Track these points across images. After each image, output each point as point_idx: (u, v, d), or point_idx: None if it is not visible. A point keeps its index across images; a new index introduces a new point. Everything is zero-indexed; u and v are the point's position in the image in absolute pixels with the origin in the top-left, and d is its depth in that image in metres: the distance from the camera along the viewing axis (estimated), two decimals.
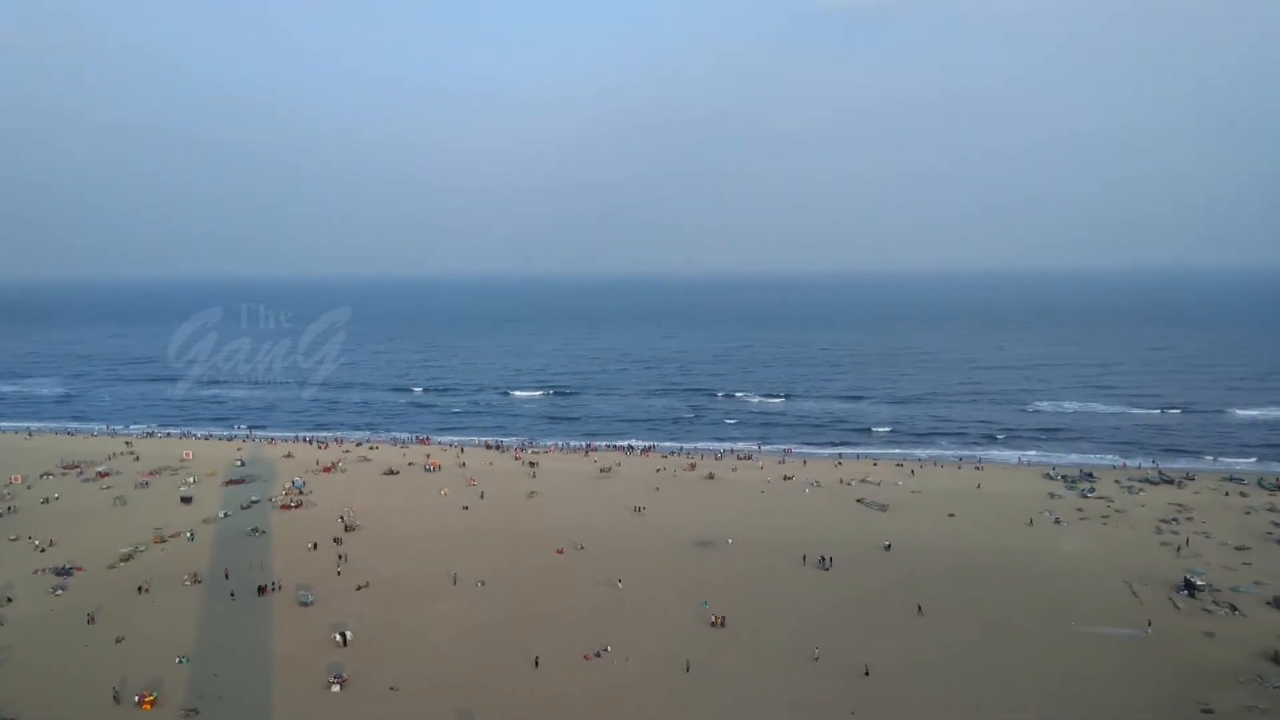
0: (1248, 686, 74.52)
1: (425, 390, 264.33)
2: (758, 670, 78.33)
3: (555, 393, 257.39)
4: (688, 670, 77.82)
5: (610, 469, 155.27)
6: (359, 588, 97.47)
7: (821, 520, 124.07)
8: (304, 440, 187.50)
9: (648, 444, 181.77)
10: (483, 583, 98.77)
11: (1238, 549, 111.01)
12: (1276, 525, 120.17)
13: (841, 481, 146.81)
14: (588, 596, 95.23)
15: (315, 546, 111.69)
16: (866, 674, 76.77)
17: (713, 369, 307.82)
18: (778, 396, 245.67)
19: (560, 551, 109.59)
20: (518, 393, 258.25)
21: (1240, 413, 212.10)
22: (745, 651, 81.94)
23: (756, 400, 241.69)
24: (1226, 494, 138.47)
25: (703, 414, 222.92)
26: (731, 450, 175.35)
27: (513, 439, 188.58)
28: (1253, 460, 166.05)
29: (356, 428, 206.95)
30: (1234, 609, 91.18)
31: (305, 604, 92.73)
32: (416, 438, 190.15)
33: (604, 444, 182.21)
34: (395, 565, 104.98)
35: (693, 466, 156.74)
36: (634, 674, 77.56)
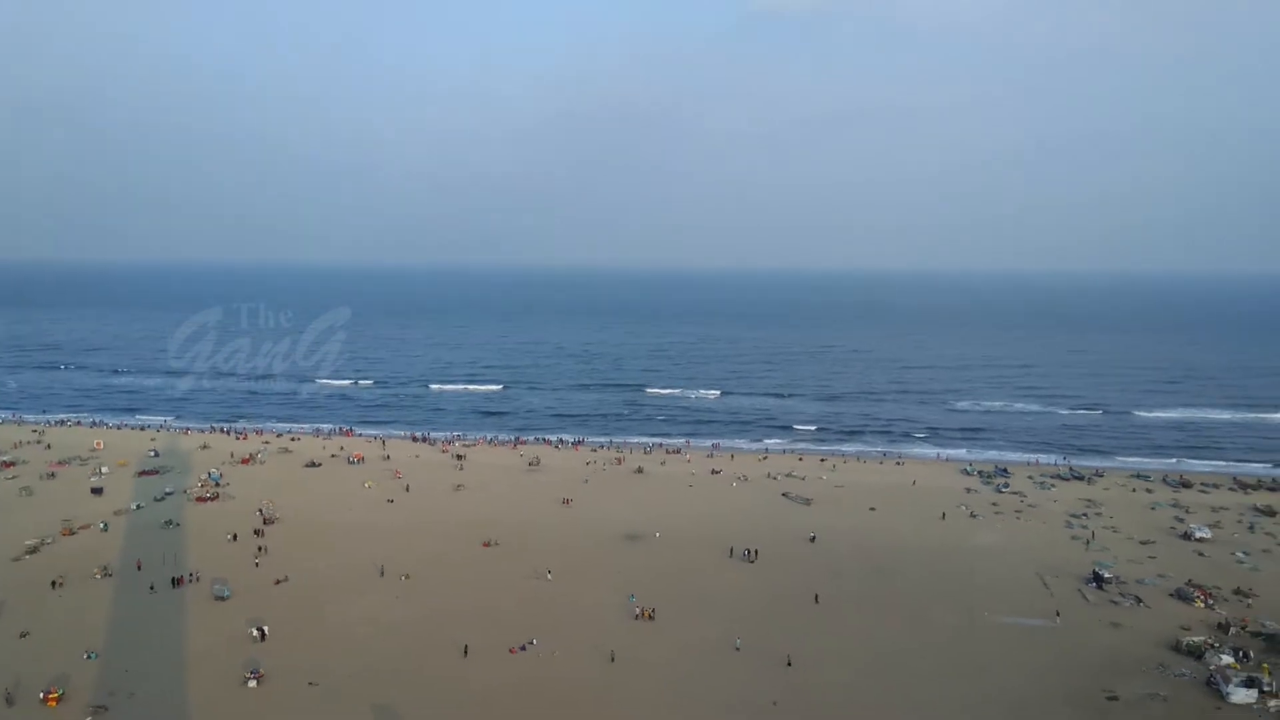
0: (1151, 675, 77.89)
1: (349, 382, 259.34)
2: (683, 662, 78.96)
3: (484, 385, 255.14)
4: (613, 662, 78.08)
5: (539, 462, 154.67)
6: (278, 582, 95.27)
7: (747, 514, 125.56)
8: (221, 431, 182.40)
9: (577, 438, 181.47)
10: (407, 576, 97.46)
11: (1143, 543, 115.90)
12: (1180, 521, 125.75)
13: (769, 476, 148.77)
14: (514, 590, 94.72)
15: (235, 538, 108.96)
16: (789, 664, 78.06)
17: (646, 364, 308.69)
18: (710, 392, 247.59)
19: (487, 545, 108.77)
20: (445, 385, 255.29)
21: (1148, 414, 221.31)
22: (671, 643, 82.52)
23: (688, 395, 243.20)
24: (1133, 490, 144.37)
25: (635, 409, 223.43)
26: (660, 445, 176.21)
27: (440, 432, 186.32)
28: (1158, 458, 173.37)
29: (277, 419, 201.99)
30: (1139, 600, 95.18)
31: (222, 598, 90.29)
32: (340, 429, 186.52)
33: (533, 438, 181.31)
34: (316, 559, 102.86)
35: (620, 461, 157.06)
36: (560, 667, 77.46)
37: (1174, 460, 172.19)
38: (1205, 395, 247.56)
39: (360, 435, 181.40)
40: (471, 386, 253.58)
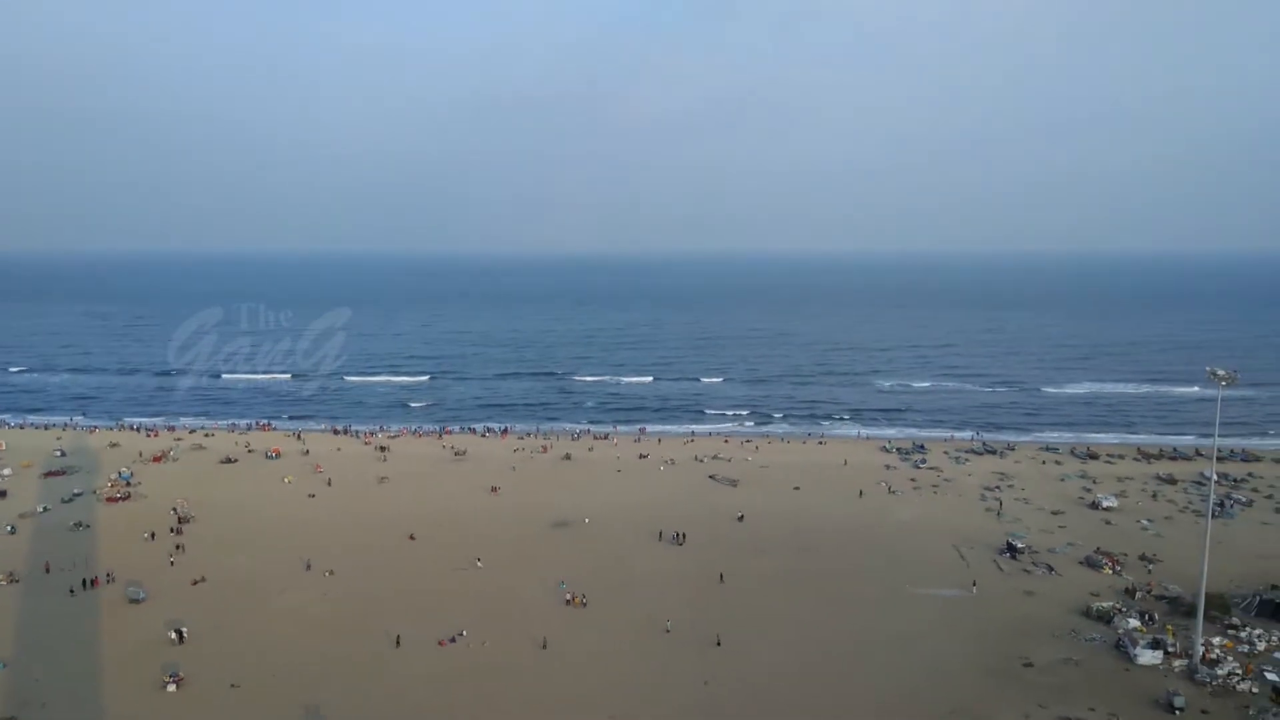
0: (1063, 640, 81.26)
1: (265, 374, 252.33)
2: (614, 647, 79.42)
3: (409, 376, 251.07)
4: (544, 649, 78.07)
5: (465, 452, 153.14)
6: (195, 582, 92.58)
7: (675, 497, 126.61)
8: (131, 428, 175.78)
9: (503, 426, 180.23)
10: (331, 572, 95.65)
11: (1053, 513, 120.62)
12: (1087, 491, 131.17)
13: (696, 459, 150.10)
14: (442, 582, 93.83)
15: (153, 536, 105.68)
16: (718, 644, 79.14)
17: (575, 351, 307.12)
18: (640, 378, 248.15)
19: (413, 537, 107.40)
20: (368, 377, 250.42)
21: (1058, 389, 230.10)
22: (602, 628, 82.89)
23: (617, 381, 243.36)
24: (1043, 463, 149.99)
25: (564, 396, 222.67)
26: (588, 431, 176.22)
27: (363, 424, 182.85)
28: (1067, 432, 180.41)
29: (190, 414, 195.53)
30: (1051, 569, 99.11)
31: (136, 600, 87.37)
32: (257, 423, 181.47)
33: (459, 427, 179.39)
34: (236, 557, 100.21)
35: (545, 449, 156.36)
36: (491, 656, 77.13)
37: (1081, 433, 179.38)
38: (1113, 370, 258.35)
39: (278, 429, 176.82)
40: (395, 377, 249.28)
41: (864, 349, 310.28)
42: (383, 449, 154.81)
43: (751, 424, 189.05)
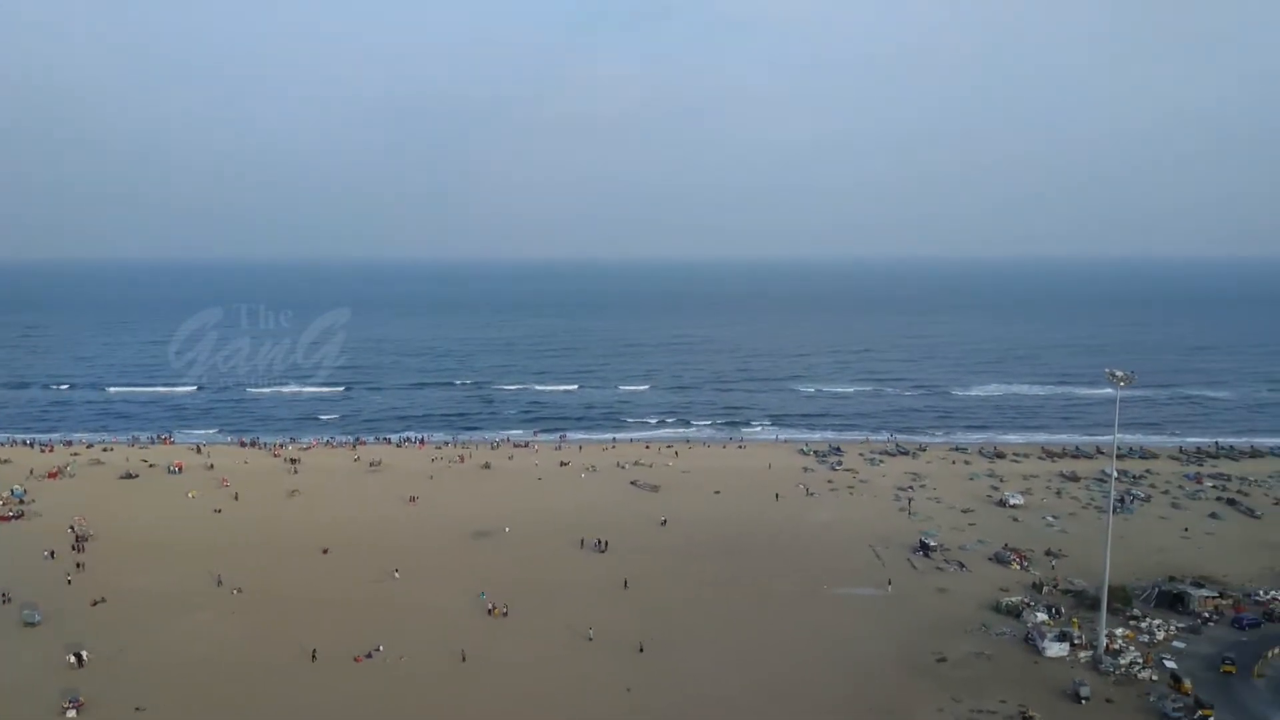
0: (975, 635, 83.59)
1: (167, 385, 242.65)
2: (536, 656, 78.57)
3: (323, 387, 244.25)
4: (465, 662, 76.72)
5: (380, 463, 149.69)
6: (95, 602, 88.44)
7: (597, 504, 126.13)
8: (23, 443, 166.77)
9: (420, 436, 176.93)
10: (239, 589, 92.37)
11: (964, 511, 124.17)
12: (995, 489, 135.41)
13: (618, 465, 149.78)
14: (358, 596, 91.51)
15: (53, 555, 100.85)
16: (641, 650, 78.98)
17: (495, 360, 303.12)
18: (562, 386, 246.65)
19: (326, 551, 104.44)
20: (279, 387, 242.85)
21: (967, 391, 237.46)
22: (524, 638, 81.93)
23: (538, 390, 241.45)
24: (953, 463, 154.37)
25: (484, 405, 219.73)
26: (508, 439, 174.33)
27: (271, 436, 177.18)
28: (977, 433, 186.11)
29: (87, 428, 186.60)
30: (962, 566, 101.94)
31: (31, 624, 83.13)
32: (159, 437, 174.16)
33: (374, 438, 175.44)
34: (139, 577, 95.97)
35: (462, 459, 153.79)
36: (408, 672, 75.47)
37: (988, 433, 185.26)
38: (1021, 372, 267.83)
39: (181, 442, 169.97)
40: (307, 388, 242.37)
41: (786, 355, 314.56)
42: (293, 461, 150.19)
43: (673, 430, 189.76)
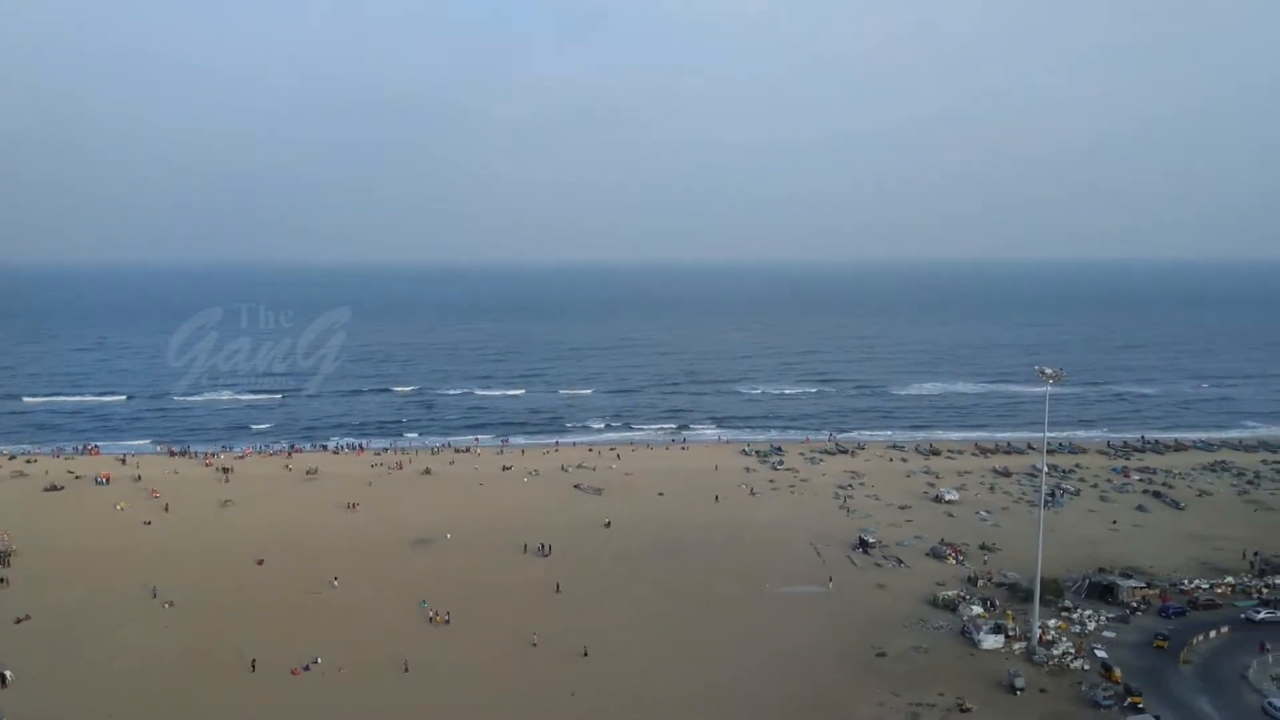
0: (913, 629, 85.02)
1: (93, 394, 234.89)
2: (479, 663, 77.78)
3: (258, 394, 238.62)
4: (406, 672, 75.52)
5: (316, 471, 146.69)
6: (19, 620, 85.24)
7: (540, 508, 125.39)
8: None
9: (358, 442, 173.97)
10: (171, 604, 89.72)
11: (901, 508, 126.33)
12: (931, 486, 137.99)
13: (561, 469, 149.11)
14: (294, 607, 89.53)
15: None
16: (585, 655, 78.65)
17: (436, 364, 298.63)
18: (504, 390, 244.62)
19: (261, 562, 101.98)
20: (212, 395, 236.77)
21: (904, 390, 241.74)
22: (467, 646, 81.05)
23: (480, 394, 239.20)
24: (891, 460, 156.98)
25: (424, 410, 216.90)
26: (448, 444, 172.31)
27: (203, 445, 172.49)
28: (915, 431, 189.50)
29: (10, 440, 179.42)
30: (900, 562, 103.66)
31: None
32: (84, 447, 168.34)
33: (310, 445, 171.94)
34: (66, 592, 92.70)
35: (401, 465, 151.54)
36: (348, 683, 74.03)
37: (925, 430, 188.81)
38: (958, 371, 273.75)
39: (109, 452, 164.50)
40: (242, 396, 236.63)
41: (729, 356, 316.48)
42: (225, 470, 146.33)
43: (617, 433, 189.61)
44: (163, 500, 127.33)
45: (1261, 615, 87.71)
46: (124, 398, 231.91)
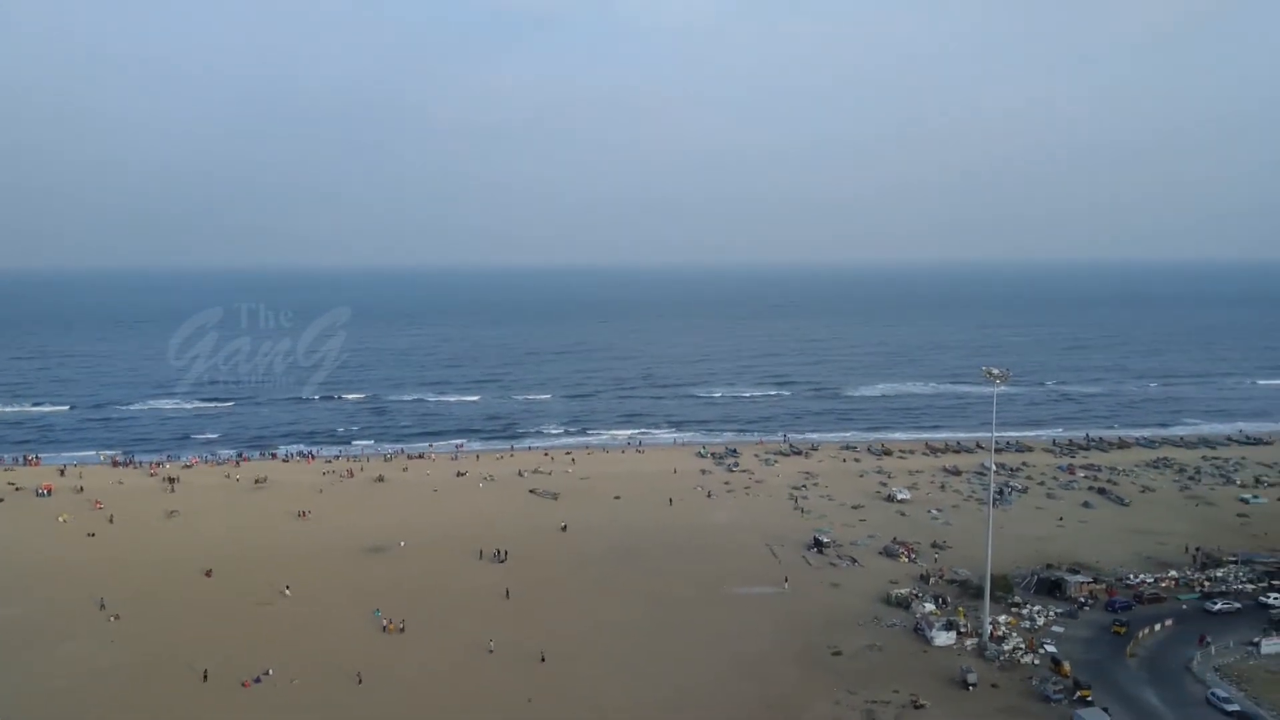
0: (868, 627, 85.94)
1: (33, 404, 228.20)
2: (435, 671, 76.97)
3: (205, 402, 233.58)
4: (360, 683, 74.41)
5: (266, 479, 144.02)
6: None
7: (496, 514, 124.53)
8: None
9: (309, 450, 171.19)
10: (116, 617, 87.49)
11: (854, 508, 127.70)
12: (883, 485, 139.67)
13: (518, 474, 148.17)
14: (245, 618, 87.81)
15: None
16: (543, 660, 78.22)
17: (389, 371, 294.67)
18: (459, 395, 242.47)
19: (210, 573, 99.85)
20: (156, 403, 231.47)
21: (856, 391, 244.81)
22: (422, 654, 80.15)
23: (434, 400, 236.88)
24: (844, 460, 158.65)
25: (377, 417, 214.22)
26: (401, 451, 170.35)
27: (148, 454, 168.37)
28: (868, 431, 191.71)
29: None
30: (854, 561, 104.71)
31: None
32: (23, 458, 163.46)
33: (259, 453, 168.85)
34: (6, 606, 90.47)
35: (352, 473, 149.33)
36: (300, 695, 72.76)
37: (878, 431, 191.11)
38: (907, 372, 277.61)
39: (49, 463, 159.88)
40: (188, 404, 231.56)
41: (686, 360, 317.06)
42: (171, 480, 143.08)
43: (574, 437, 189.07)
44: (107, 511, 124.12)
45: (1218, 606, 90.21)
46: (66, 407, 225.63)
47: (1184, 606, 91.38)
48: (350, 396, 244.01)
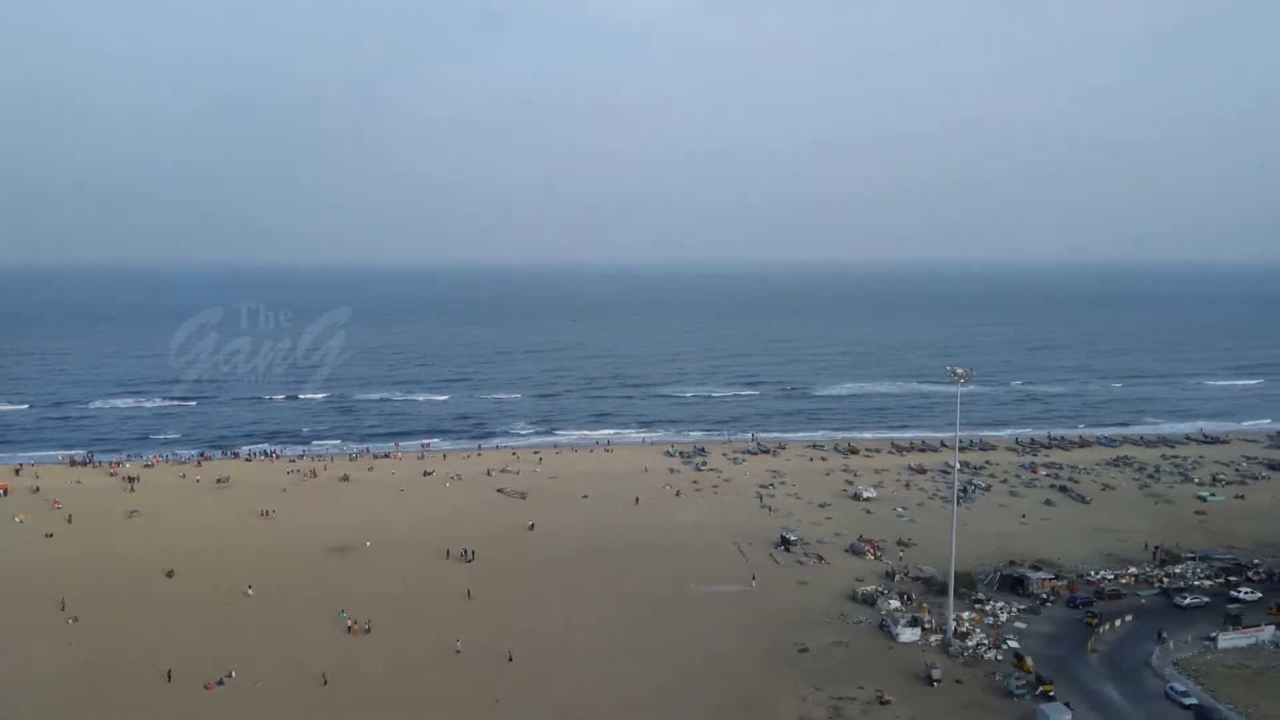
0: (834, 624, 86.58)
1: None
2: (401, 672, 76.40)
3: (164, 399, 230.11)
4: (326, 685, 73.66)
5: (228, 479, 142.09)
6: None
7: (463, 513, 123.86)
8: None
9: (272, 449, 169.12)
10: (75, 619, 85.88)
11: (821, 506, 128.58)
12: (850, 484, 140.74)
13: (485, 473, 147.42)
14: (206, 620, 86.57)
15: None
16: (510, 659, 77.94)
17: (357, 370, 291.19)
18: (427, 394, 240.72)
19: (171, 574, 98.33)
20: (117, 401, 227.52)
21: (824, 390, 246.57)
22: (389, 655, 79.51)
23: (401, 399, 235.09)
24: (811, 460, 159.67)
25: (343, 415, 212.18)
26: (367, 450, 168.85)
27: (107, 454, 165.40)
28: (835, 430, 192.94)
29: None
30: (820, 558, 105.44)
31: None
32: None
33: (221, 452, 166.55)
34: None
35: (315, 472, 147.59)
36: (264, 698, 71.90)
37: (845, 430, 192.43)
38: (873, 372, 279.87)
39: (4, 464, 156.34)
40: (148, 403, 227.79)
41: (657, 359, 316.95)
42: (131, 480, 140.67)
43: (542, 436, 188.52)
44: (65, 511, 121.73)
45: (1188, 601, 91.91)
46: (24, 406, 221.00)
47: (1143, 601, 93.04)
48: (316, 395, 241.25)
